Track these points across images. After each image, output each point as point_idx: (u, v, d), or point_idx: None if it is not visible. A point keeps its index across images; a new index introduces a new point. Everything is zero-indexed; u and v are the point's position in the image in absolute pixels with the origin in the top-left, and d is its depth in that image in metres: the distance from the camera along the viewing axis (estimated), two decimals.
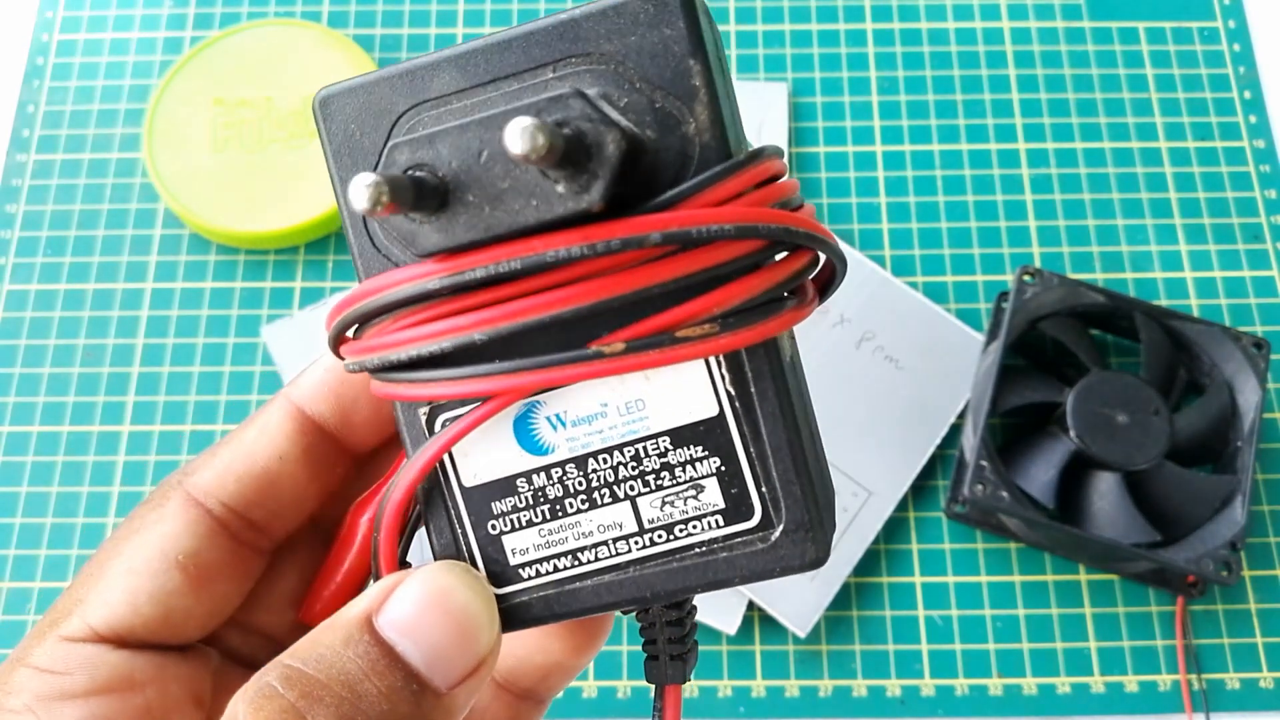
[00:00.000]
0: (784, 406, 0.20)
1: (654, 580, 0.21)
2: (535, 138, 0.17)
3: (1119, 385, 0.49)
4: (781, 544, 0.20)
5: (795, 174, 0.58)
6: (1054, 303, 0.51)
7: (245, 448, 0.23)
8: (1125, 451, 0.48)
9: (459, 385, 0.20)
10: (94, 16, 0.62)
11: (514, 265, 0.18)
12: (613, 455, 0.21)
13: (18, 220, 0.57)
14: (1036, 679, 0.48)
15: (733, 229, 0.19)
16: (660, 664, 0.23)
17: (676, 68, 0.20)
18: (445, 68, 0.20)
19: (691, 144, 0.20)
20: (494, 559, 0.21)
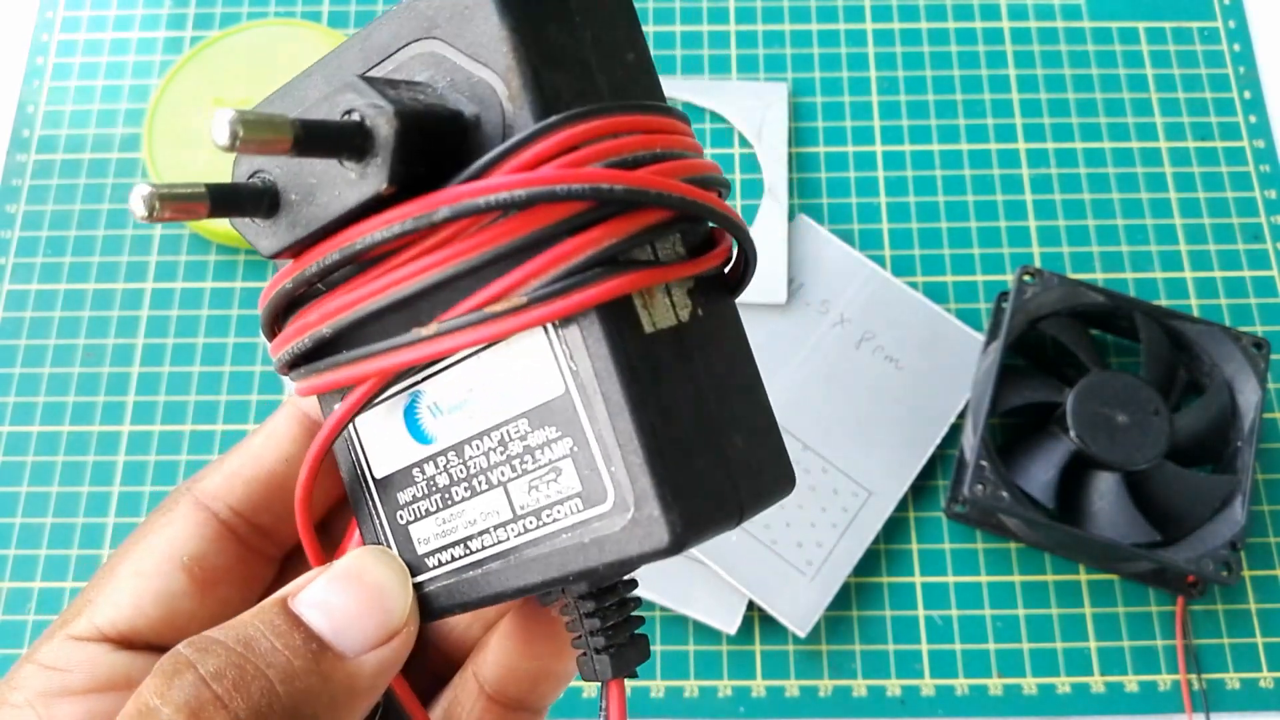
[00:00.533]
0: (626, 380, 0.18)
1: (529, 568, 0.20)
2: (235, 130, 0.17)
3: (1119, 385, 0.49)
4: (632, 528, 0.19)
5: (795, 174, 0.58)
6: (1054, 303, 0.51)
7: (253, 453, 0.23)
8: (1125, 451, 0.47)
9: (314, 379, 0.20)
10: (94, 16, 0.62)
11: (332, 256, 0.19)
12: (484, 440, 0.20)
13: (18, 220, 0.57)
14: (1036, 679, 0.48)
15: (525, 195, 0.17)
16: (586, 659, 0.22)
17: (490, 38, 0.19)
18: (314, 76, 0.21)
19: (508, 114, 0.19)
20: (406, 548, 0.21)
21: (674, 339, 0.20)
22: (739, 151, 0.58)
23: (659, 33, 0.61)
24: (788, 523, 0.49)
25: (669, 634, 0.49)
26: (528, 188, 0.17)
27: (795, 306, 0.54)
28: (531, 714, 0.26)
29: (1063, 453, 0.48)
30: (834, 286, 0.54)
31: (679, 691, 0.48)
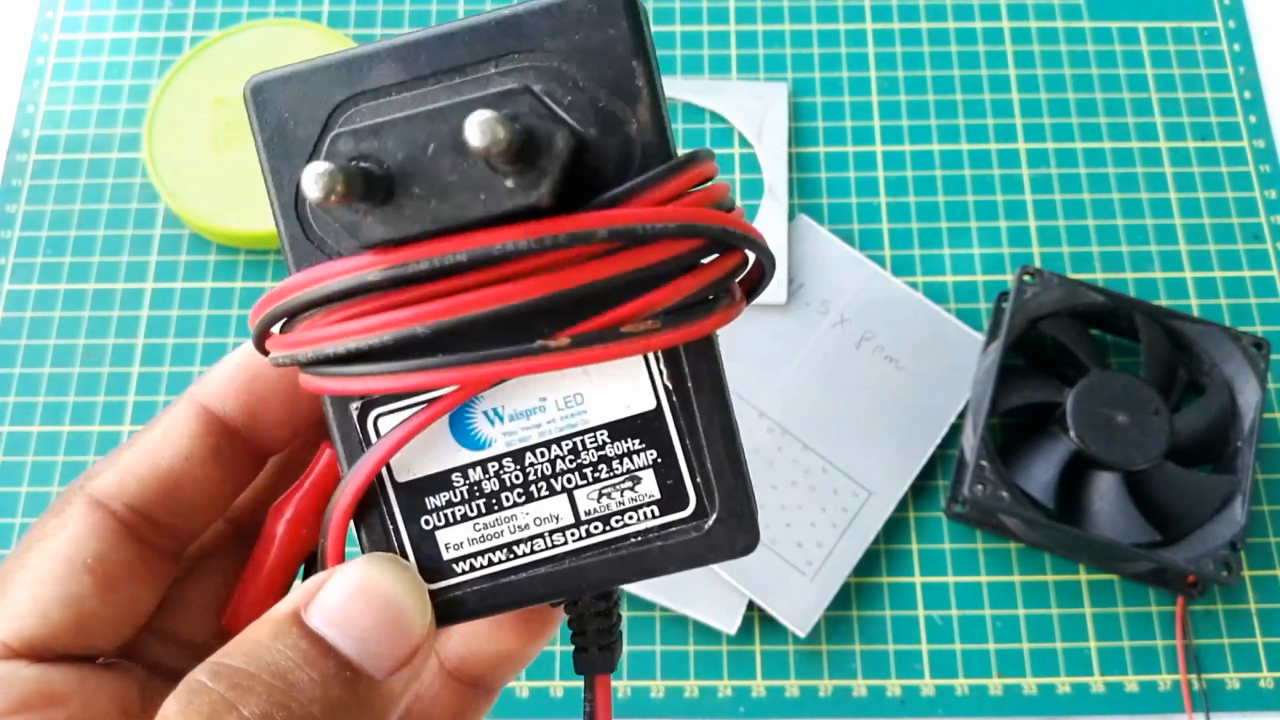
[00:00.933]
0: (719, 400, 0.21)
1: (590, 571, 0.21)
2: (495, 131, 0.17)
3: (1119, 385, 0.49)
4: (715, 532, 0.21)
5: (795, 174, 0.58)
6: (1054, 303, 0.51)
7: (149, 449, 0.22)
8: (1125, 451, 0.47)
9: (404, 378, 0.19)
10: (94, 16, 0.62)
11: (459, 258, 0.18)
12: (550, 449, 0.21)
13: (18, 220, 0.57)
14: (1036, 679, 0.48)
15: (675, 227, 0.19)
16: (590, 655, 0.23)
17: (620, 69, 0.20)
18: (385, 59, 0.20)
19: (634, 144, 0.20)
20: (427, 554, 0.21)
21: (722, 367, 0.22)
22: (739, 151, 0.58)
23: (659, 33, 0.61)
24: (788, 523, 0.49)
25: (669, 634, 0.49)
26: (679, 222, 0.19)
27: (795, 306, 0.54)
28: (486, 692, 0.26)
29: (1063, 453, 0.48)
30: (834, 286, 0.54)
31: (679, 691, 0.48)
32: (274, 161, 0.21)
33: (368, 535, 0.21)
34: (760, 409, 0.52)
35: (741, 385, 0.52)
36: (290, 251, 0.21)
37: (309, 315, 0.20)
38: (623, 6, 0.20)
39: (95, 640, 0.21)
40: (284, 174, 0.21)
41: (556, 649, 0.49)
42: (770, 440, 0.51)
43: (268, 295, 0.20)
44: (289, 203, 0.21)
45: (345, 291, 0.19)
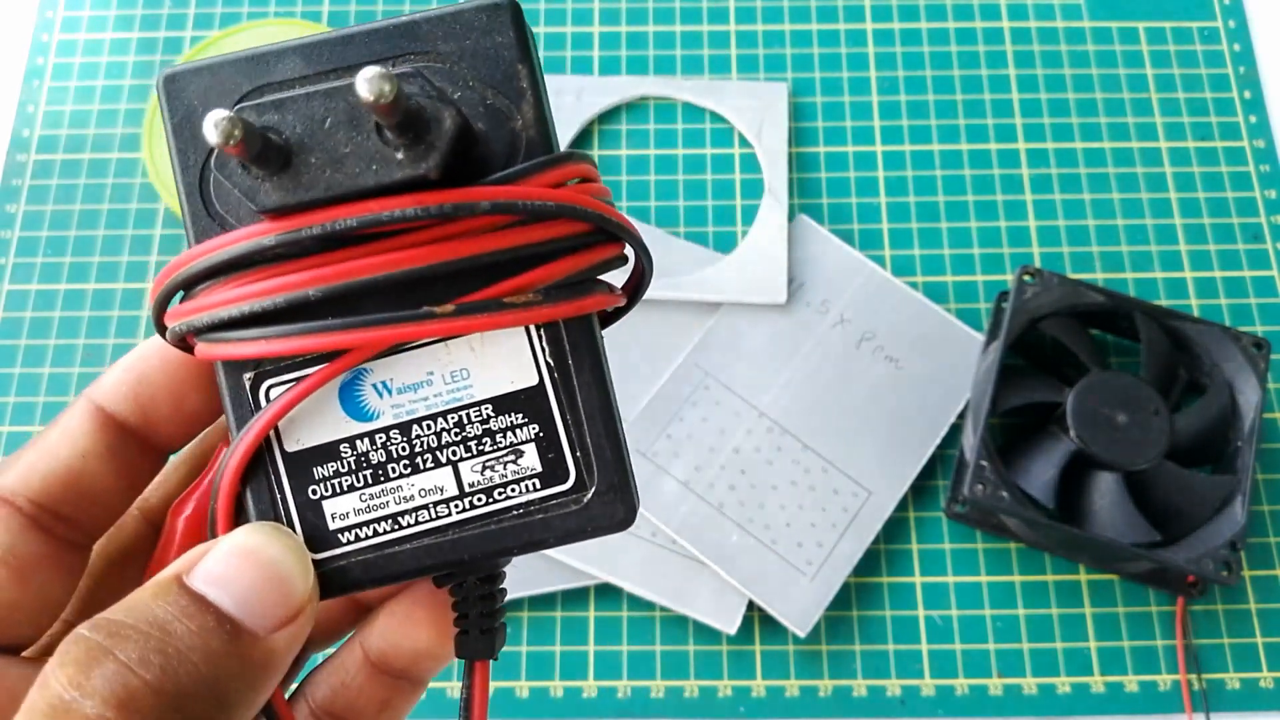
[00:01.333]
0: (598, 378, 0.22)
1: (473, 542, 0.22)
2: (382, 86, 0.18)
3: (1119, 385, 0.48)
4: (594, 505, 0.22)
5: (795, 174, 0.58)
6: (1054, 303, 0.51)
7: (49, 447, 0.23)
8: (1125, 451, 0.47)
9: (294, 341, 0.20)
10: (94, 16, 0.62)
11: (350, 223, 0.20)
12: (436, 421, 0.22)
13: (18, 220, 0.57)
14: (1036, 679, 0.48)
15: (554, 207, 0.21)
16: (470, 638, 0.24)
17: (506, 70, 0.22)
18: (290, 55, 0.22)
19: (519, 138, 0.22)
20: (313, 524, 0.22)
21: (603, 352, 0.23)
22: (739, 151, 0.58)
23: (659, 33, 0.61)
24: (788, 523, 0.49)
25: (669, 634, 0.49)
26: (558, 201, 0.21)
27: (795, 306, 0.54)
28: (413, 684, 0.27)
29: (1063, 453, 0.48)
30: (834, 286, 0.54)
31: (679, 691, 0.48)
32: (181, 145, 0.22)
33: (255, 502, 0.22)
34: (760, 409, 0.52)
35: (741, 385, 0.52)
36: (192, 228, 0.22)
37: (207, 285, 0.21)
38: (509, 16, 0.22)
39: (12, 631, 0.22)
40: (190, 156, 0.22)
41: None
42: (770, 440, 0.51)
43: (167, 267, 0.21)
44: (193, 183, 0.22)
45: (241, 257, 0.20)
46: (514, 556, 0.22)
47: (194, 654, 0.18)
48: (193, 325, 0.21)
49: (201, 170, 0.22)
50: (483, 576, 0.24)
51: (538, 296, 0.21)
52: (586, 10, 0.62)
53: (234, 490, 0.21)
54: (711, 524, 0.49)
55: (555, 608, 0.49)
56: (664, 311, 0.54)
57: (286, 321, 0.20)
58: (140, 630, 0.18)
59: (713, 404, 0.52)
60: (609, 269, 0.22)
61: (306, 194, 0.20)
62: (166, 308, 0.22)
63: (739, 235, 0.56)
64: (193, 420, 0.24)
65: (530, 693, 0.48)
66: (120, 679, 0.17)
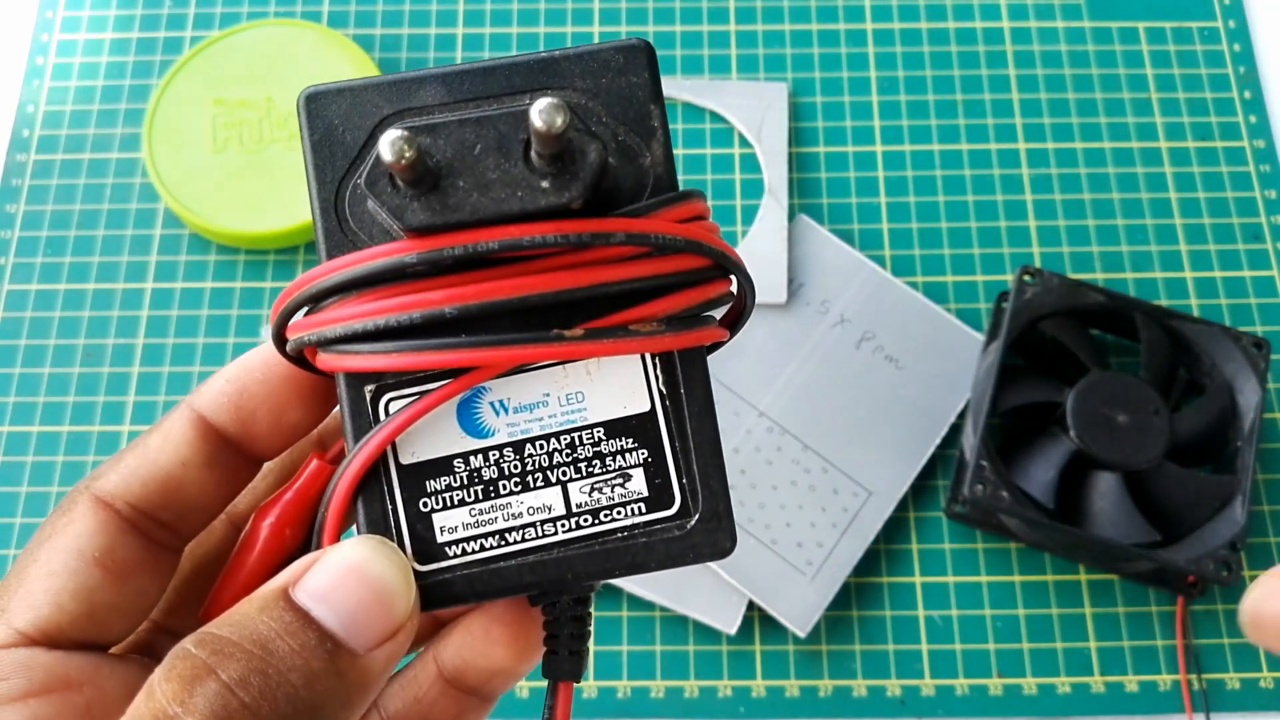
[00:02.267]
0: (707, 409, 0.23)
1: (576, 562, 0.22)
2: (555, 115, 0.19)
3: (1119, 385, 0.48)
4: (696, 532, 0.22)
5: (795, 174, 0.58)
6: (1054, 303, 0.51)
7: (149, 454, 0.24)
8: (1125, 451, 0.47)
9: (428, 355, 0.21)
10: (94, 16, 0.62)
11: (491, 245, 0.20)
12: (550, 442, 0.22)
13: (18, 220, 0.57)
14: (1036, 679, 0.48)
15: (684, 242, 0.21)
16: (559, 659, 0.24)
17: (640, 110, 0.23)
18: (432, 82, 0.22)
19: (647, 174, 0.23)
20: (421, 536, 0.22)
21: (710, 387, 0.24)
22: (739, 151, 0.58)
23: (659, 33, 0.61)
24: (788, 523, 0.49)
25: (669, 634, 0.49)
26: (686, 237, 0.22)
27: (795, 306, 0.54)
28: (483, 700, 0.27)
29: (1063, 453, 0.48)
30: (834, 286, 0.54)
31: (679, 691, 0.48)
32: (319, 162, 0.22)
33: (366, 512, 0.22)
34: (760, 409, 0.52)
35: (741, 385, 0.52)
36: (325, 243, 0.22)
37: (335, 299, 0.21)
38: (645, 58, 0.23)
39: (107, 630, 0.23)
40: (327, 174, 0.22)
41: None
42: (770, 440, 0.51)
43: (298, 280, 0.22)
44: (329, 200, 0.22)
45: (382, 271, 0.21)
46: (616, 578, 0.23)
47: (293, 674, 0.19)
48: (323, 336, 0.21)
49: (338, 188, 0.22)
50: (576, 598, 0.24)
51: (660, 326, 0.22)
52: (586, 10, 0.62)
53: (347, 500, 0.22)
54: None
55: None
56: None
57: (418, 337, 0.21)
58: (244, 649, 0.19)
59: None
60: (721, 304, 0.23)
61: (453, 215, 0.20)
62: (289, 319, 0.22)
63: (739, 235, 0.56)
64: (291, 433, 0.25)
65: (530, 693, 0.48)
66: (221, 699, 0.18)
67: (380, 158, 0.19)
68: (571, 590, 0.24)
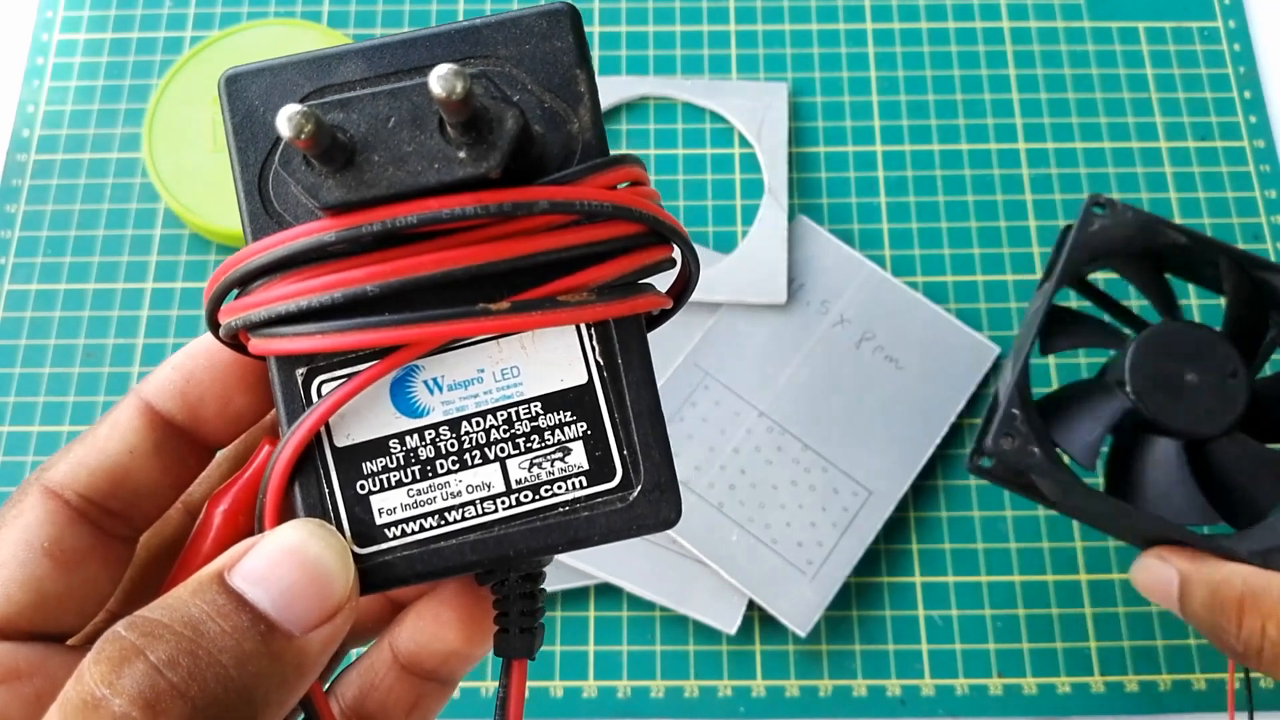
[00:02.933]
0: (646, 378, 0.22)
1: (517, 539, 0.22)
2: (455, 82, 0.18)
3: (1192, 339, 0.41)
4: (639, 504, 0.22)
5: (795, 174, 0.58)
6: (1124, 240, 0.43)
7: (97, 443, 0.24)
8: (1191, 415, 0.40)
9: (352, 335, 0.20)
10: (94, 16, 0.62)
11: (410, 220, 0.20)
12: (486, 419, 0.22)
13: (18, 220, 0.57)
14: (1036, 679, 0.48)
15: (611, 208, 0.21)
16: (510, 637, 0.24)
17: (565, 75, 0.22)
18: (352, 58, 0.22)
19: (575, 140, 0.22)
20: (359, 518, 0.22)
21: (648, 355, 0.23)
22: (739, 151, 0.58)
23: (659, 33, 0.61)
24: (788, 523, 0.49)
25: (669, 634, 0.49)
26: (614, 203, 0.21)
27: (795, 306, 0.54)
28: (442, 684, 0.27)
29: (1114, 410, 0.41)
30: (834, 286, 0.54)
31: (679, 691, 0.48)
32: (241, 144, 0.22)
33: (303, 497, 0.22)
34: (760, 409, 0.52)
35: (741, 385, 0.52)
36: (250, 225, 0.22)
37: (263, 282, 0.21)
38: (569, 22, 0.22)
39: (58, 620, 0.23)
40: (250, 156, 0.22)
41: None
42: (770, 440, 0.51)
43: (224, 264, 0.22)
44: (252, 181, 0.22)
45: (301, 252, 0.21)
46: (559, 554, 0.23)
47: (224, 655, 0.19)
48: (249, 320, 0.21)
49: (261, 169, 0.22)
50: (524, 575, 0.24)
51: (591, 296, 0.21)
52: (586, 10, 0.62)
53: (283, 484, 0.22)
54: (711, 524, 0.49)
55: (555, 608, 0.49)
56: None
57: (344, 317, 0.21)
58: (174, 630, 0.19)
59: (713, 404, 0.52)
60: (659, 271, 0.23)
61: (369, 191, 0.20)
62: (221, 304, 0.22)
63: (739, 235, 0.56)
64: (239, 419, 0.25)
65: (531, 693, 0.48)
66: (149, 680, 0.18)
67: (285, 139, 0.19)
68: (516, 567, 0.24)
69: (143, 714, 0.18)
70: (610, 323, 0.22)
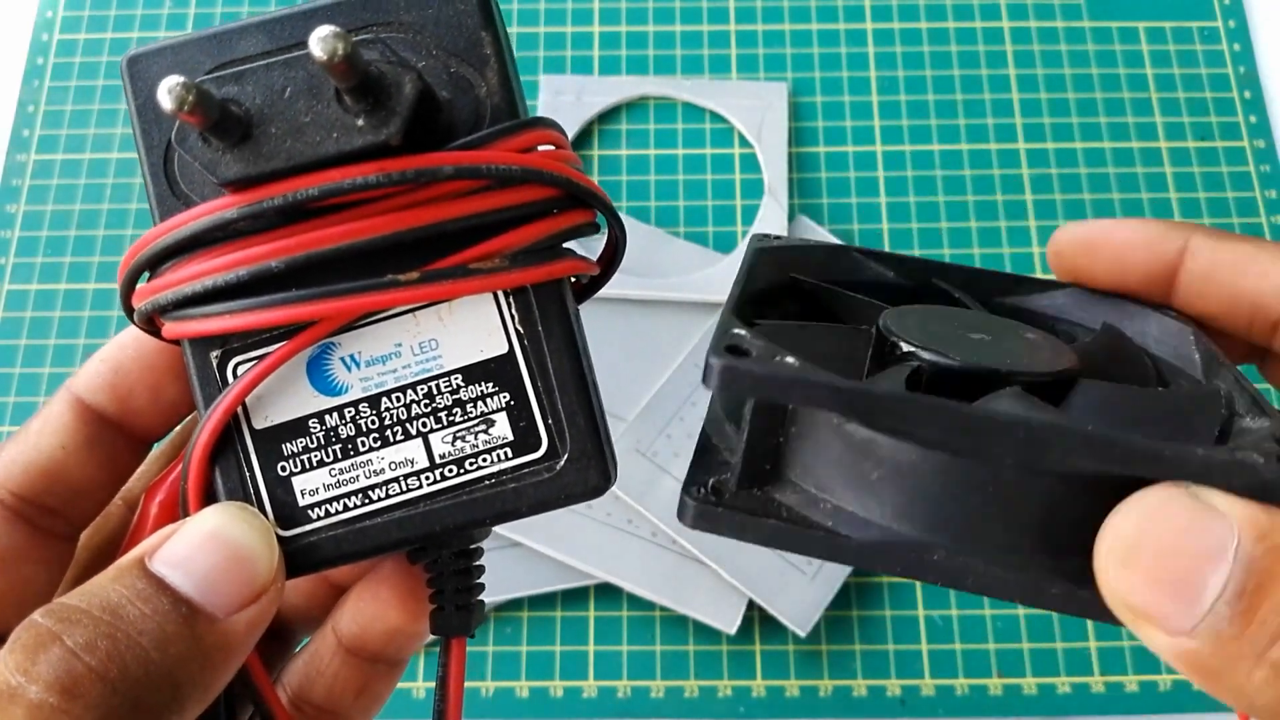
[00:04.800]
0: (569, 344, 0.22)
1: (444, 514, 0.21)
2: (336, 43, 0.18)
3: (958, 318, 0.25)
4: (566, 472, 0.22)
5: (795, 174, 0.58)
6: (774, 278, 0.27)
7: (30, 440, 0.24)
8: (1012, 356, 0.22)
9: (258, 314, 0.20)
10: (94, 16, 0.62)
11: (310, 192, 0.19)
12: (406, 394, 0.22)
13: (18, 220, 0.57)
14: (1036, 679, 0.48)
15: (520, 171, 0.20)
16: (446, 614, 0.24)
17: (470, 38, 0.22)
18: (252, 32, 0.22)
19: (484, 105, 0.22)
20: (282, 500, 0.22)
21: (577, 320, 0.23)
22: (739, 151, 0.58)
23: (659, 33, 0.61)
24: None
25: (669, 634, 0.49)
26: (523, 166, 0.20)
27: None
28: (389, 665, 0.27)
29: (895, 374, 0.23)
30: None
31: (679, 691, 0.48)
32: (145, 125, 0.22)
33: (224, 480, 0.22)
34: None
35: None
36: (157, 207, 0.22)
37: (171, 263, 0.21)
38: None
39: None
40: (154, 137, 0.22)
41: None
42: None
43: (131, 248, 0.21)
44: (158, 163, 0.22)
45: (203, 231, 0.20)
46: (488, 527, 0.22)
47: (144, 638, 0.18)
48: (158, 304, 0.21)
49: (166, 150, 0.22)
50: (458, 551, 0.24)
51: (504, 262, 0.21)
52: (586, 10, 0.62)
53: (203, 469, 0.21)
54: None
55: (555, 608, 0.49)
56: (664, 311, 0.54)
57: (251, 295, 0.20)
58: (91, 615, 0.18)
59: None
60: (578, 235, 0.22)
61: (267, 164, 0.20)
62: (132, 289, 0.22)
63: (739, 235, 0.56)
64: (171, 409, 0.24)
65: (530, 693, 0.48)
66: (65, 664, 0.18)
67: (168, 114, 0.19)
68: (447, 543, 0.23)
69: (60, 699, 0.17)
70: (530, 291, 0.21)
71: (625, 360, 0.52)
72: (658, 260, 0.54)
